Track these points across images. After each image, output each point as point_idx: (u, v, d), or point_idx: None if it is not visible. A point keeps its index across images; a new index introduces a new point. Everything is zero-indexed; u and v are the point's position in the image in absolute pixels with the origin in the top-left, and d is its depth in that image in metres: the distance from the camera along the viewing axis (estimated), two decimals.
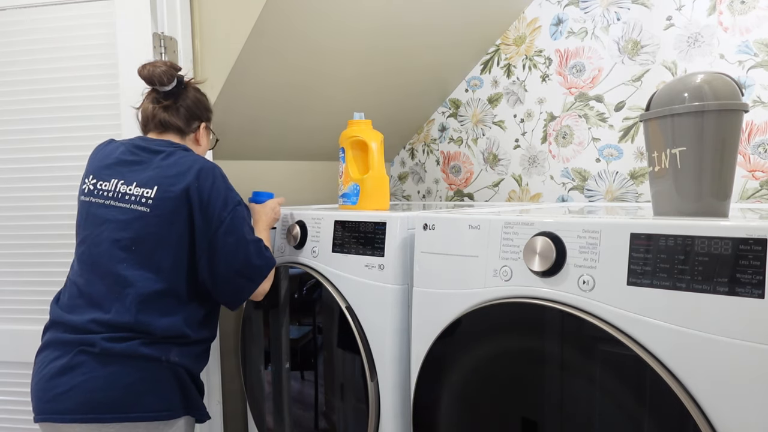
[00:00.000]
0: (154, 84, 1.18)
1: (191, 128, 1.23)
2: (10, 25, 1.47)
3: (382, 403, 1.17)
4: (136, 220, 1.06)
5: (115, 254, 1.05)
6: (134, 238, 1.06)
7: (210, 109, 1.29)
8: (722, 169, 0.80)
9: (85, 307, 1.05)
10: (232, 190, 1.14)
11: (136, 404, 1.00)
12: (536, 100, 1.78)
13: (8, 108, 1.49)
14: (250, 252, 1.13)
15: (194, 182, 1.08)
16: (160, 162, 1.11)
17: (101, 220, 1.08)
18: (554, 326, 0.86)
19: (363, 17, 1.49)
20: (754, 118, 1.38)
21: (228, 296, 1.15)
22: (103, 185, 1.11)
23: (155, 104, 1.19)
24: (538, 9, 1.75)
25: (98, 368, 0.99)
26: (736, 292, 0.69)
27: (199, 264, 1.10)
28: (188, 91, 1.23)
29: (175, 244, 1.07)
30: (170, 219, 1.06)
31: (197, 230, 1.08)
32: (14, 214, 1.50)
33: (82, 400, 0.98)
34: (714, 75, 0.82)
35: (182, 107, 1.20)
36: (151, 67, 1.16)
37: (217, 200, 1.09)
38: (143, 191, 1.08)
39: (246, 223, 1.15)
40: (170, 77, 1.17)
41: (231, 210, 1.11)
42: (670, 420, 0.74)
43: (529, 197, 1.82)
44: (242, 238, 1.12)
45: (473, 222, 0.98)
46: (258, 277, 1.17)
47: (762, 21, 1.36)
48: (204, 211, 1.08)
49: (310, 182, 1.97)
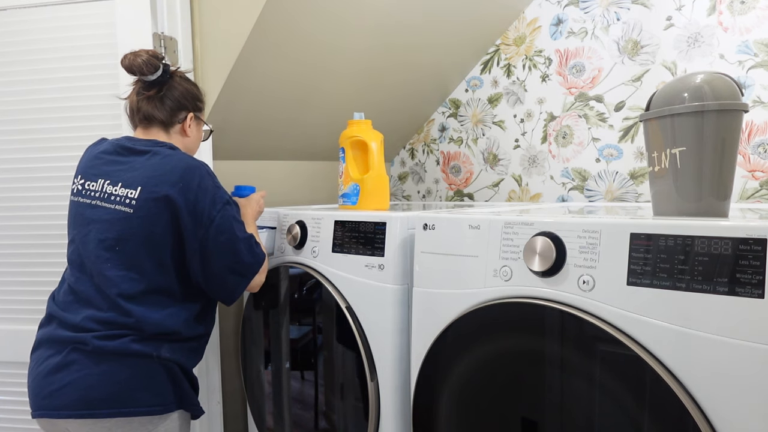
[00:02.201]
0: (135, 74, 1.16)
1: (177, 119, 1.20)
2: (10, 25, 1.47)
3: (382, 403, 1.17)
4: (120, 221, 1.07)
5: (100, 254, 1.06)
6: (118, 238, 1.06)
7: (200, 98, 1.26)
8: (722, 169, 0.80)
9: (77, 306, 1.06)
10: (220, 188, 1.13)
11: (129, 399, 1.02)
12: (536, 100, 1.78)
13: (8, 108, 1.49)
14: (242, 250, 1.14)
15: (179, 183, 1.07)
16: (144, 162, 1.11)
17: (88, 220, 1.09)
18: (554, 326, 0.86)
19: (362, 17, 1.49)
20: (754, 118, 1.38)
21: (222, 294, 1.16)
22: (90, 185, 1.11)
23: (139, 96, 1.18)
24: (538, 9, 1.75)
25: (91, 366, 1.01)
26: (736, 292, 0.69)
27: (191, 264, 1.10)
28: (174, 80, 1.20)
29: (160, 245, 1.07)
30: (153, 220, 1.06)
31: (186, 231, 1.08)
32: (14, 214, 1.50)
33: (77, 397, 1.00)
34: (714, 75, 0.82)
35: (166, 97, 1.18)
36: (132, 56, 1.14)
37: (204, 199, 1.09)
38: (127, 192, 1.08)
39: (236, 221, 1.15)
40: (152, 66, 1.15)
41: (220, 209, 1.11)
42: (670, 420, 0.74)
43: (529, 197, 1.82)
44: (234, 237, 1.12)
45: (473, 222, 0.99)
46: (250, 273, 1.18)
47: (762, 21, 1.36)
48: (192, 212, 1.08)
49: (310, 182, 1.97)
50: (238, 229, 1.14)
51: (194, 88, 1.25)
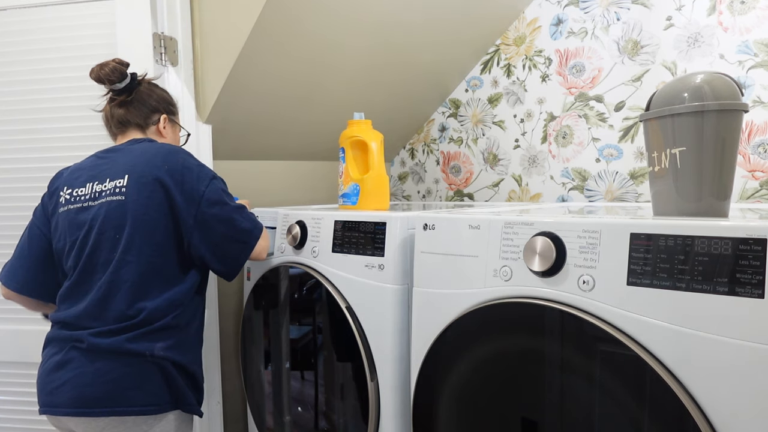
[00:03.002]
0: (104, 83, 1.19)
1: (151, 121, 1.24)
2: (10, 25, 1.47)
3: (382, 403, 1.17)
4: (114, 209, 1.08)
5: (100, 246, 1.08)
6: (116, 226, 1.08)
7: (171, 102, 1.29)
8: (722, 169, 0.80)
9: (77, 304, 1.08)
10: (203, 166, 1.16)
11: (122, 399, 1.02)
12: (536, 100, 1.78)
13: (8, 108, 1.49)
14: (237, 218, 1.16)
15: (163, 165, 1.10)
16: (126, 153, 1.14)
17: (82, 223, 1.10)
18: (554, 326, 0.86)
19: (362, 15, 1.49)
20: (754, 118, 1.38)
21: (227, 265, 1.17)
22: (79, 191, 1.13)
23: (111, 103, 1.22)
24: (538, 9, 1.75)
25: (87, 364, 1.03)
26: (736, 292, 0.69)
27: (192, 242, 1.11)
28: (143, 86, 1.24)
29: (153, 226, 1.08)
30: (146, 203, 1.08)
31: (180, 210, 1.10)
32: (14, 214, 1.50)
33: (73, 395, 1.02)
34: (714, 75, 0.82)
35: (137, 100, 1.21)
36: (98, 68, 1.18)
37: (191, 176, 1.11)
38: (116, 182, 1.10)
39: (225, 193, 1.17)
40: (119, 74, 1.18)
41: (208, 183, 1.13)
42: (669, 420, 0.74)
43: (529, 197, 1.82)
44: (226, 207, 1.15)
45: (473, 222, 0.99)
46: (251, 239, 1.19)
47: (762, 21, 1.36)
48: (181, 191, 1.10)
49: (310, 182, 1.97)
50: (229, 199, 1.17)
51: (164, 93, 1.28)
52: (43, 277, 1.16)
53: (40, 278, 1.16)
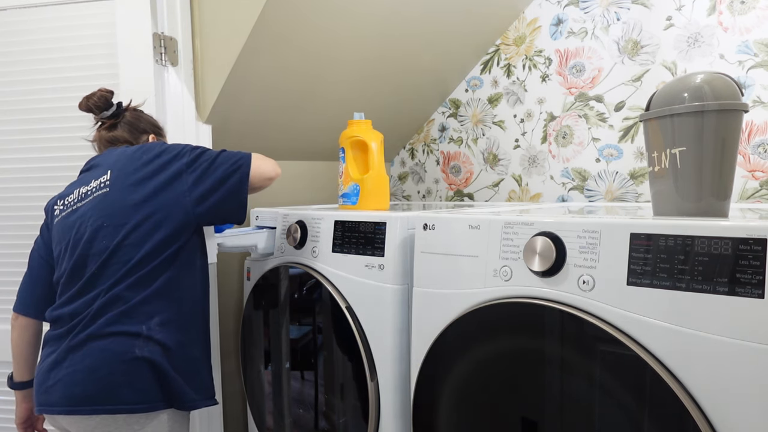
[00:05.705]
0: (93, 112, 1.23)
1: (140, 140, 1.27)
2: (10, 25, 1.47)
3: (382, 403, 1.17)
4: (101, 201, 1.09)
5: (92, 238, 1.08)
6: (106, 215, 1.08)
7: (158, 126, 1.33)
8: (722, 169, 0.80)
9: (69, 300, 1.08)
10: (181, 144, 1.17)
11: (112, 397, 1.02)
12: (536, 100, 1.78)
13: (8, 108, 1.49)
14: (224, 155, 1.16)
15: (142, 156, 1.12)
16: (108, 155, 1.17)
17: (72, 224, 1.11)
18: (554, 326, 0.86)
19: (362, 15, 1.49)
20: (754, 118, 1.38)
21: (233, 201, 1.15)
22: (68, 199, 1.16)
23: (100, 129, 1.26)
24: (538, 9, 1.75)
25: (77, 362, 1.03)
26: (736, 292, 0.69)
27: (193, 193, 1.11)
28: (129, 112, 1.28)
29: (143, 203, 1.08)
30: (133, 188, 1.09)
31: (172, 182, 1.10)
32: (14, 214, 1.50)
33: (65, 394, 1.02)
34: (714, 75, 0.82)
35: (125, 123, 1.26)
36: (86, 100, 1.22)
37: (170, 155, 1.13)
38: (100, 179, 1.12)
39: (205, 150, 1.17)
40: (105, 101, 1.23)
41: (188, 151, 1.14)
42: (670, 420, 0.74)
43: (529, 197, 1.82)
44: (210, 155, 1.15)
45: (473, 222, 0.99)
46: (243, 162, 1.17)
47: (762, 21, 1.36)
48: (166, 170, 1.11)
49: (310, 182, 1.97)
50: (211, 151, 1.17)
51: (151, 118, 1.32)
52: (52, 298, 1.17)
53: (50, 299, 1.17)
